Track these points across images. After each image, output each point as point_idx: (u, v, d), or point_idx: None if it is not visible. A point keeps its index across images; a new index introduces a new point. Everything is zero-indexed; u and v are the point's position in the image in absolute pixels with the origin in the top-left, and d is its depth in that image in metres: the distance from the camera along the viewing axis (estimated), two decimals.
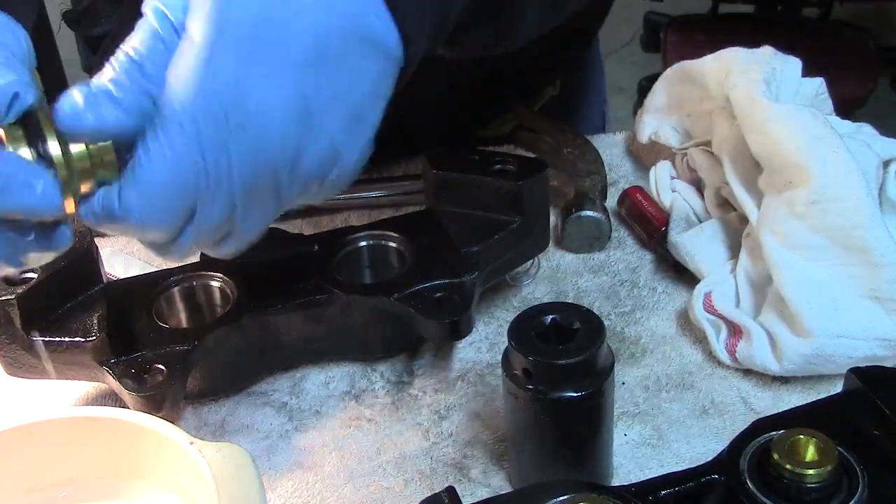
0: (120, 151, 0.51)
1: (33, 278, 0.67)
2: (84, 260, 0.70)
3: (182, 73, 0.49)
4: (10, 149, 0.49)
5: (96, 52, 0.96)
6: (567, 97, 1.05)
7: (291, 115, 0.51)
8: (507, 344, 0.59)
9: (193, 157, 0.50)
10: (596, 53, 1.12)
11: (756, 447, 0.52)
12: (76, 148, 0.50)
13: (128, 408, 0.65)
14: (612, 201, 0.90)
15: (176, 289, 0.75)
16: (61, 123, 0.49)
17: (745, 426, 0.55)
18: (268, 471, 0.67)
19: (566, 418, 0.59)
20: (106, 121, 0.49)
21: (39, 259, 0.54)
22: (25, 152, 0.49)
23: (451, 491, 0.52)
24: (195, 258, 0.77)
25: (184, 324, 0.75)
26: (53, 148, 0.49)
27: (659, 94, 0.92)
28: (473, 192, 0.76)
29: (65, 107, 0.49)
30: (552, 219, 0.84)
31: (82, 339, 0.67)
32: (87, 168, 0.50)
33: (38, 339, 0.67)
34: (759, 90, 0.76)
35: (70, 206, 0.51)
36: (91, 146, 0.50)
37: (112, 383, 0.67)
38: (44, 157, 0.49)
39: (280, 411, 0.72)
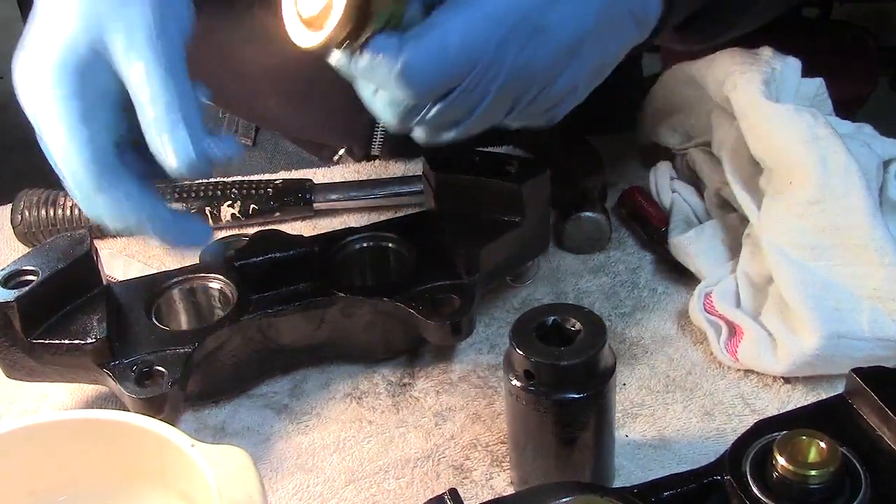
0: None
1: (33, 280, 0.67)
2: (84, 262, 0.70)
3: None
4: None
5: None
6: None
7: (572, 40, 0.59)
8: (508, 345, 0.59)
9: (485, 38, 0.55)
10: None
11: (758, 448, 0.52)
12: None
13: (128, 410, 0.65)
14: (612, 201, 0.90)
15: (176, 291, 0.74)
16: None
17: (747, 427, 0.54)
18: (269, 473, 0.67)
19: (568, 420, 0.59)
20: None
21: None
22: None
23: (453, 493, 0.52)
24: (194, 259, 0.77)
25: (184, 326, 0.75)
26: None
27: (659, 94, 0.92)
28: (473, 193, 0.76)
29: None
30: (552, 219, 0.84)
31: (82, 342, 0.67)
32: (388, 8, 0.54)
33: (38, 341, 0.67)
34: (759, 90, 0.76)
35: (366, 33, 0.54)
36: None
37: (112, 386, 0.67)
38: None
39: (281, 413, 0.72)
